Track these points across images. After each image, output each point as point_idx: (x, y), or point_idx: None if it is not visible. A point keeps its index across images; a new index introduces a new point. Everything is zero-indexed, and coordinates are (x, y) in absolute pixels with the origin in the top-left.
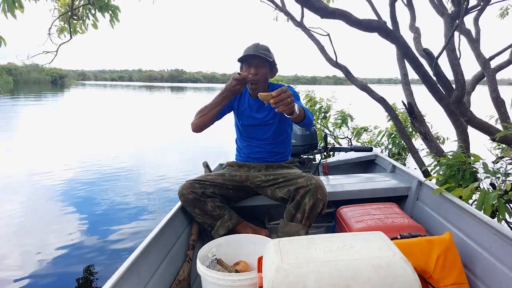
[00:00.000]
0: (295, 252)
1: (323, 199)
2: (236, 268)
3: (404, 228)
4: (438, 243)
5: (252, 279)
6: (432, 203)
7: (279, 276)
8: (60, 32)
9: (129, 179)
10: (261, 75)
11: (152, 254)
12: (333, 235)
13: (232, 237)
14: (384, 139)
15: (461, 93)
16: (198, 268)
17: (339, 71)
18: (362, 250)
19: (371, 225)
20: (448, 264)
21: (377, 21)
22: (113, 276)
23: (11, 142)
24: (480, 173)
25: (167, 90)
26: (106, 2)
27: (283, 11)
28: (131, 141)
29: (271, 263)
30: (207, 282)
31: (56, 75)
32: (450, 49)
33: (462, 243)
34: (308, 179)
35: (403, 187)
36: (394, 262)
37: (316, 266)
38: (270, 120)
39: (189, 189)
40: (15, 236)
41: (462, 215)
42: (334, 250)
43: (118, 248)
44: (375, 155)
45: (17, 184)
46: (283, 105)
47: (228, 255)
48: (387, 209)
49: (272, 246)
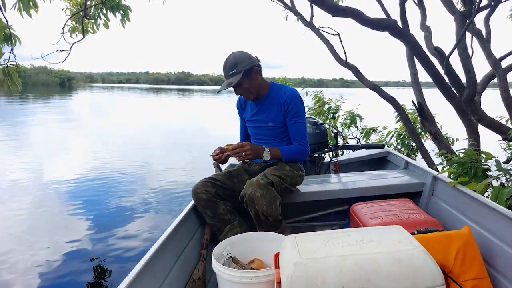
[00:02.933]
0: (312, 247)
1: (260, 209)
2: (251, 266)
3: (420, 223)
4: (457, 237)
5: (268, 276)
6: (448, 198)
7: (298, 271)
8: (72, 31)
9: (141, 178)
10: (245, 89)
11: (166, 253)
12: (351, 230)
13: (246, 235)
14: (393, 140)
15: (473, 92)
16: (214, 266)
17: (346, 73)
18: (381, 244)
19: (387, 221)
20: (468, 258)
21: (388, 20)
22: (129, 276)
23: (21, 145)
24: (493, 170)
25: (174, 92)
26: (117, 1)
27: (292, 10)
28: (142, 140)
29: (289, 258)
30: (223, 280)
31: (64, 77)
32: (462, 48)
33: (481, 237)
34: (247, 187)
35: (417, 183)
36: (415, 255)
37: (335, 260)
38: (270, 122)
39: (203, 187)
40: (29, 235)
41: (480, 209)
42: (353, 244)
43: (131, 247)
44: (387, 152)
45: (34, 185)
46: (237, 157)
47: (242, 253)
48: (402, 205)
49: (289, 242)
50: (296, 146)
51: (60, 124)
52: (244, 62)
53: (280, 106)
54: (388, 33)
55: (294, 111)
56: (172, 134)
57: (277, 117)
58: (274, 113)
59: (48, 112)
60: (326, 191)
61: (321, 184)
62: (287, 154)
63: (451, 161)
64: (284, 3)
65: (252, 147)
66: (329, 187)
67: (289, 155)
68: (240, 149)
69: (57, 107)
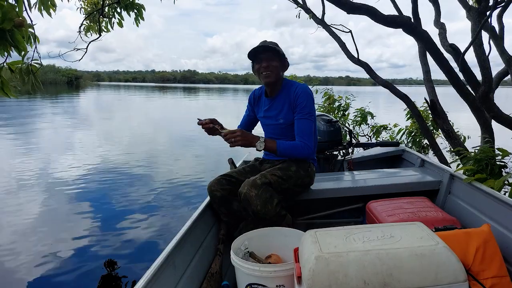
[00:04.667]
0: (333, 242)
1: (255, 207)
2: (268, 261)
3: (438, 221)
4: (476, 235)
5: (287, 271)
6: (465, 196)
7: (319, 264)
8: (86, 30)
9: (158, 175)
10: (273, 67)
11: (185, 247)
12: (371, 226)
13: (263, 230)
14: (404, 137)
15: (488, 88)
16: (233, 260)
17: (351, 72)
18: (403, 239)
19: (404, 218)
20: (487, 256)
21: (402, 17)
22: (150, 269)
23: (31, 143)
24: (510, 167)
25: (180, 91)
26: (131, 1)
27: (304, 8)
28: (157, 138)
29: (310, 252)
30: (242, 274)
31: (72, 76)
32: (477, 44)
33: (501, 235)
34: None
35: (434, 181)
36: (437, 251)
37: (357, 255)
38: (281, 119)
39: (217, 186)
40: (50, 230)
41: (500, 207)
42: (374, 240)
43: (147, 241)
44: (402, 150)
45: (46, 183)
46: (229, 142)
47: (260, 248)
48: (419, 202)
49: (309, 236)
50: (296, 142)
51: (70, 123)
52: (281, 49)
53: (290, 102)
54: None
55: (301, 106)
56: (181, 131)
57: (288, 114)
58: (285, 109)
59: (57, 110)
60: (340, 189)
61: (335, 182)
62: (283, 149)
63: (467, 158)
64: (296, 1)
65: (244, 134)
66: (343, 185)
67: (285, 150)
68: (230, 135)
69: (68, 106)
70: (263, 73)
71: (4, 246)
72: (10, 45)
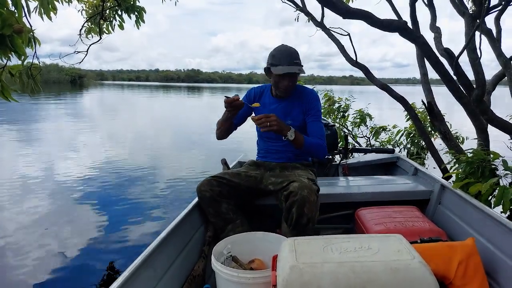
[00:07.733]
0: (310, 251)
1: (308, 214)
2: (251, 266)
3: (425, 232)
4: (460, 249)
5: (266, 277)
6: (454, 207)
7: (293, 275)
8: (87, 32)
9: (150, 174)
10: (294, 84)
11: (168, 248)
12: (350, 236)
13: (248, 235)
14: (403, 139)
15: (482, 92)
16: (213, 264)
17: (355, 71)
18: (379, 252)
19: (391, 228)
20: (470, 271)
21: (398, 21)
22: (128, 269)
23: (35, 142)
24: (500, 170)
25: (184, 90)
26: (132, 3)
27: (303, 11)
28: (150, 138)
29: (286, 262)
30: (221, 279)
31: (75, 75)
32: (471, 49)
33: (485, 250)
34: (301, 187)
35: (425, 190)
36: (412, 266)
37: (331, 267)
38: (289, 120)
39: (207, 186)
40: (40, 231)
41: (487, 221)
42: (351, 251)
43: (135, 243)
44: (396, 157)
45: (41, 183)
46: (262, 126)
47: (243, 253)
48: (408, 212)
49: (287, 245)
50: (318, 141)
51: (73, 122)
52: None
53: (301, 105)
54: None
55: (315, 110)
56: (183, 131)
57: (298, 116)
58: (295, 112)
59: (61, 110)
60: (333, 194)
61: (328, 187)
62: (309, 144)
63: (459, 161)
64: (295, 4)
65: (278, 119)
66: (335, 190)
67: (309, 146)
68: (266, 119)
69: (71, 105)
70: (286, 90)
71: (8, 246)
72: (10, 50)
